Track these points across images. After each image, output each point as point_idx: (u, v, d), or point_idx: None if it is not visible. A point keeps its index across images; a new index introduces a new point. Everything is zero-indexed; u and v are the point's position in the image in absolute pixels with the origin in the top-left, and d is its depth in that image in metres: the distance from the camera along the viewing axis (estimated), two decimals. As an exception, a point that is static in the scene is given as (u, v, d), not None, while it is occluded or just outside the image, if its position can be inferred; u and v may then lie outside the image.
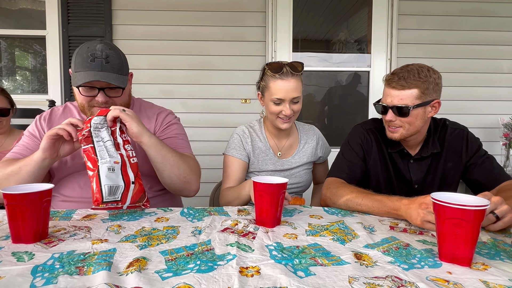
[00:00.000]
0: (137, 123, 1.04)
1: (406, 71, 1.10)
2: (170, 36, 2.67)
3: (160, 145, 1.08)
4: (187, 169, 1.14)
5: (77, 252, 0.72)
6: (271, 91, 1.28)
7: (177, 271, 0.63)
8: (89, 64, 1.07)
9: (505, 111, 2.77)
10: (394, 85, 1.11)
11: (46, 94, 2.77)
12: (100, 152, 0.98)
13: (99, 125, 1.00)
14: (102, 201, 0.94)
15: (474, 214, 0.66)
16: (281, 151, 1.43)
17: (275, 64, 1.28)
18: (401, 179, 1.27)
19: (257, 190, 0.91)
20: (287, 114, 1.28)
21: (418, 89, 1.09)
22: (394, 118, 1.14)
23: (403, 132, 1.16)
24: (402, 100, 1.11)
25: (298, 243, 0.79)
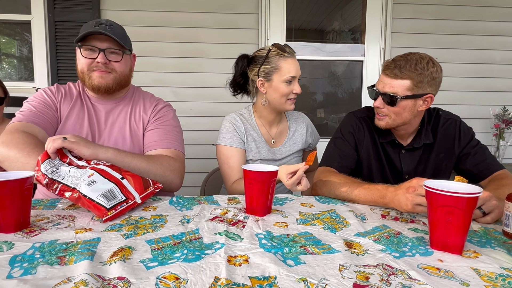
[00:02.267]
0: (85, 146, 0.97)
1: (405, 60, 1.07)
2: (160, 22, 2.60)
3: (120, 156, 1.04)
4: (159, 172, 1.10)
5: (59, 241, 0.69)
6: (283, 71, 1.27)
7: (163, 260, 0.61)
8: (93, 28, 1.11)
9: (497, 102, 2.78)
10: (388, 73, 1.09)
11: (33, 81, 2.69)
12: (72, 182, 0.89)
13: (53, 168, 0.91)
14: (107, 208, 0.84)
15: (467, 202, 0.65)
16: (274, 139, 1.41)
17: (279, 45, 1.28)
18: (393, 169, 1.26)
19: (248, 178, 0.88)
20: (298, 92, 1.30)
21: (411, 81, 1.06)
22: (382, 105, 1.13)
23: (389, 122, 1.14)
24: (393, 88, 1.09)
25: (288, 232, 0.77)
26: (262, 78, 1.31)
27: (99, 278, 0.54)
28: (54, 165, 0.92)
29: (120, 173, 0.95)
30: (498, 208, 0.85)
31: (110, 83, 1.18)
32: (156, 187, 0.99)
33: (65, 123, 1.19)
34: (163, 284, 0.53)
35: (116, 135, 1.22)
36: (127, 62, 1.23)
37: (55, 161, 0.93)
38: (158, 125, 1.26)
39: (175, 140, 1.25)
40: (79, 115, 1.21)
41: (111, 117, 1.24)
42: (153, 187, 0.99)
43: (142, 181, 0.97)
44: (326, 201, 1.05)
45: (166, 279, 0.55)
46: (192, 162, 2.65)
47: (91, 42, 1.13)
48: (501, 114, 2.65)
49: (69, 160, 0.96)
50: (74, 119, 1.20)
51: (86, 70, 1.16)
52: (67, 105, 1.21)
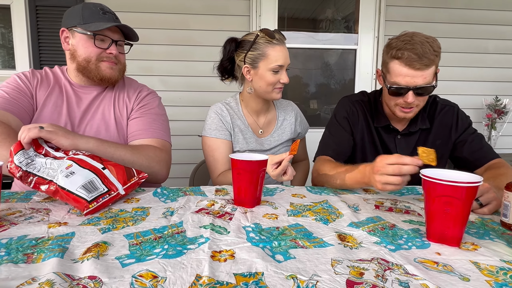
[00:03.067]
0: (64, 136, 0.90)
1: (420, 46, 0.98)
2: (147, 8, 2.50)
3: (103, 147, 0.98)
4: (144, 163, 1.04)
5: (29, 237, 0.64)
6: (270, 58, 1.19)
7: (140, 256, 0.56)
8: (102, 16, 1.09)
9: (489, 92, 2.77)
10: (418, 66, 0.99)
11: (14, 69, 2.57)
12: (49, 174, 0.83)
13: (27, 160, 0.84)
14: (88, 201, 0.78)
15: (466, 192, 0.62)
16: (262, 129, 1.35)
17: (268, 31, 1.20)
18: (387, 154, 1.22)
19: (235, 168, 0.83)
20: (286, 82, 1.23)
21: (435, 65, 1.02)
22: (414, 98, 1.05)
23: (416, 110, 1.10)
24: (426, 79, 1.01)
25: (278, 224, 0.73)
26: (248, 65, 1.23)
27: (67, 277, 0.49)
28: (28, 156, 0.85)
29: (101, 163, 0.88)
30: (496, 200, 0.83)
31: (117, 74, 1.16)
32: (140, 177, 0.94)
33: (41, 111, 1.11)
34: (139, 284, 0.48)
35: (98, 123, 1.15)
36: (124, 51, 1.22)
37: (30, 152, 0.86)
38: (143, 114, 1.19)
39: (161, 129, 1.19)
40: (57, 103, 1.13)
41: (95, 104, 1.17)
42: (137, 177, 0.93)
43: (125, 171, 0.91)
44: (318, 191, 1.00)
45: (142, 278, 0.50)
46: (181, 152, 2.58)
47: (105, 32, 1.10)
48: (493, 104, 2.64)
49: (45, 151, 0.89)
50: (52, 107, 1.12)
51: (94, 59, 1.11)
52: (43, 91, 1.13)
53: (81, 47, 1.10)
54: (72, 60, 1.14)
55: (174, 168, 2.80)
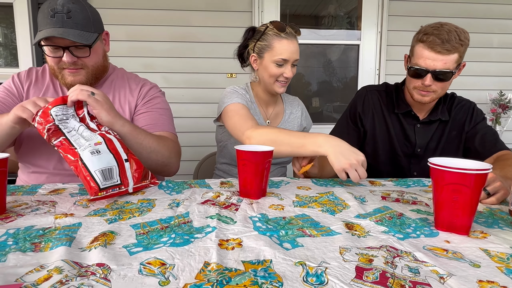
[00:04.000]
0: (107, 111, 0.90)
1: (446, 32, 1.03)
2: (149, 4, 2.50)
3: (135, 133, 0.98)
4: (166, 153, 1.06)
5: (36, 227, 0.64)
6: (275, 51, 1.20)
7: (148, 245, 0.56)
8: (49, 21, 0.96)
9: (493, 86, 2.75)
10: (440, 49, 1.04)
11: (17, 67, 2.58)
12: (76, 141, 0.82)
13: (63, 116, 0.84)
14: (100, 188, 0.78)
15: (475, 179, 0.61)
16: (269, 119, 1.37)
17: (278, 23, 1.22)
18: (405, 141, 1.25)
19: (241, 159, 0.83)
20: (288, 76, 1.24)
21: (458, 53, 1.05)
22: (432, 82, 1.09)
23: (434, 96, 1.14)
24: (445, 64, 1.05)
25: (284, 214, 0.72)
26: (255, 54, 1.27)
27: (76, 265, 0.49)
28: (66, 113, 0.84)
29: (126, 153, 0.89)
30: (504, 189, 0.82)
31: (83, 79, 1.06)
32: (152, 181, 0.95)
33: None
34: (147, 271, 0.48)
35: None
36: (97, 50, 1.08)
37: (69, 110, 0.85)
38: (149, 108, 1.18)
39: (169, 122, 1.19)
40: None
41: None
42: (149, 181, 0.94)
43: (143, 170, 0.92)
44: (323, 184, 1.00)
45: (150, 265, 0.49)
46: (183, 149, 2.57)
47: (51, 40, 0.97)
48: (497, 99, 2.62)
49: (83, 115, 0.89)
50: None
51: (56, 68, 1.04)
52: (37, 91, 1.12)
53: (46, 58, 1.04)
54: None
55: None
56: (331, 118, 2.87)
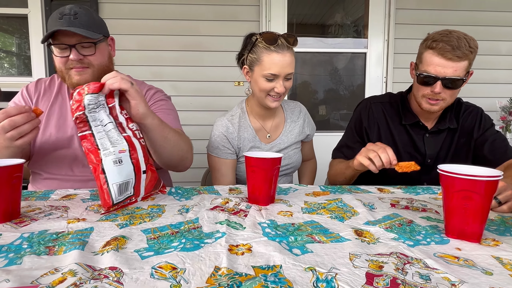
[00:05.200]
0: (144, 102, 0.88)
1: (456, 39, 1.02)
2: (159, 15, 2.55)
3: (162, 126, 0.97)
4: (185, 148, 1.07)
5: (49, 231, 0.65)
6: (264, 65, 1.13)
7: (159, 250, 0.57)
8: (57, 22, 1.00)
9: (503, 94, 2.72)
10: (450, 56, 1.02)
11: (30, 76, 2.64)
12: (101, 140, 0.79)
13: (94, 106, 0.79)
14: (113, 203, 0.77)
15: (485, 186, 0.61)
16: (269, 133, 1.33)
17: (269, 35, 1.14)
18: (414, 152, 1.24)
19: (250, 166, 0.84)
20: (279, 92, 1.15)
21: (468, 61, 1.04)
22: (441, 90, 1.07)
23: (443, 105, 1.12)
24: (456, 72, 1.03)
25: (293, 221, 0.73)
26: (247, 66, 1.21)
27: (89, 268, 0.50)
28: (97, 102, 0.80)
29: (146, 164, 0.88)
30: None
31: (89, 79, 1.08)
32: (160, 190, 0.97)
33: (48, 121, 1.12)
34: (159, 274, 0.49)
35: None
36: (103, 51, 1.11)
37: (101, 98, 0.80)
38: (156, 110, 1.18)
39: (176, 121, 1.20)
40: (62, 111, 1.14)
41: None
42: (158, 190, 0.96)
43: (157, 181, 0.93)
44: (332, 191, 1.00)
45: (162, 269, 0.50)
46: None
47: (59, 39, 1.02)
48: (507, 106, 2.59)
49: (113, 105, 0.84)
50: (57, 115, 1.13)
51: (63, 68, 1.07)
52: (46, 102, 1.15)
53: (54, 59, 1.08)
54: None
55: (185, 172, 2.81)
56: (338, 126, 2.87)
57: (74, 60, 1.04)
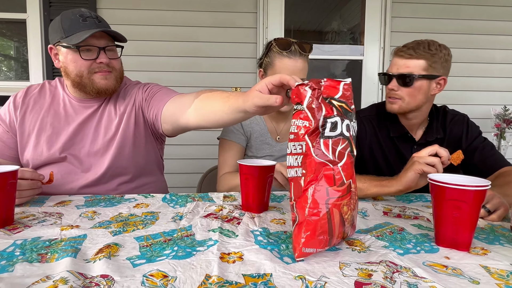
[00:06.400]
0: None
1: (417, 43, 1.09)
2: (158, 21, 2.57)
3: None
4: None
5: (42, 238, 0.65)
6: (275, 69, 1.18)
7: (151, 257, 0.57)
8: (83, 24, 0.98)
9: (497, 101, 2.75)
10: (402, 54, 1.09)
11: (28, 80, 2.65)
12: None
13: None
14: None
15: (474, 195, 0.62)
16: (279, 135, 1.36)
17: (283, 41, 1.19)
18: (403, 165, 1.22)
19: (243, 173, 0.85)
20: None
21: (426, 61, 1.07)
22: (396, 87, 1.11)
23: (402, 105, 1.13)
24: (408, 68, 1.08)
25: (286, 229, 0.73)
26: (262, 69, 1.28)
27: (80, 276, 0.50)
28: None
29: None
30: (504, 205, 0.82)
31: (113, 83, 1.07)
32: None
33: (39, 136, 1.08)
34: (150, 282, 0.49)
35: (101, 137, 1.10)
36: (119, 57, 1.12)
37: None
38: (154, 93, 1.13)
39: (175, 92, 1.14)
40: (54, 124, 1.09)
41: (95, 117, 1.11)
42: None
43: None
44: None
45: (153, 277, 0.51)
46: (188, 162, 2.61)
47: (88, 42, 0.99)
48: (502, 114, 2.62)
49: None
50: (49, 131, 1.08)
51: (86, 73, 1.03)
52: (35, 115, 1.09)
53: (70, 63, 1.03)
54: (66, 77, 1.07)
55: (180, 177, 2.82)
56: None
57: (104, 63, 1.02)
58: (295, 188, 0.60)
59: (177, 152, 2.55)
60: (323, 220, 0.57)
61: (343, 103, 0.62)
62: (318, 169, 0.58)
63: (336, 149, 0.60)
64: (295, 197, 0.60)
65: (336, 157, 0.59)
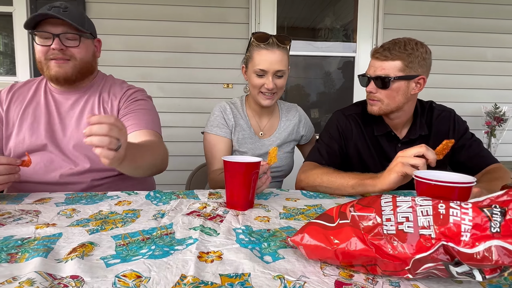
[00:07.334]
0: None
1: (393, 43, 1.06)
2: (147, 15, 2.53)
3: (134, 157, 0.87)
4: (159, 161, 1.01)
5: (15, 237, 0.63)
6: (254, 61, 1.20)
7: (126, 257, 0.55)
8: (43, 11, 0.99)
9: (488, 99, 2.76)
10: (377, 56, 1.07)
11: (14, 75, 2.59)
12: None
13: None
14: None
15: (459, 192, 0.61)
16: (262, 131, 1.36)
17: (261, 34, 1.20)
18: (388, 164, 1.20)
19: (228, 170, 0.83)
20: (269, 88, 1.20)
21: (402, 61, 1.04)
22: (374, 89, 1.09)
23: (382, 107, 1.11)
24: (384, 70, 1.06)
25: (269, 226, 0.72)
26: (243, 64, 1.29)
27: (49, 276, 0.48)
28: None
29: None
30: None
31: (69, 71, 1.07)
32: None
33: (21, 125, 1.10)
34: (122, 283, 0.47)
35: (83, 128, 1.10)
36: (88, 47, 1.11)
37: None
38: (132, 110, 1.14)
39: (152, 121, 1.14)
40: (35, 114, 1.11)
41: (76, 109, 1.13)
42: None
43: None
44: (313, 196, 0.99)
45: (125, 278, 0.48)
46: (178, 159, 2.58)
47: (44, 27, 1.01)
48: (492, 112, 2.63)
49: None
50: (30, 118, 1.10)
51: (43, 59, 1.05)
52: (18, 107, 1.12)
53: (35, 50, 1.06)
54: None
55: (170, 174, 2.78)
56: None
57: (55, 49, 1.02)
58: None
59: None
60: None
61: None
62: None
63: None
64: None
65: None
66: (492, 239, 0.41)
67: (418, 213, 0.47)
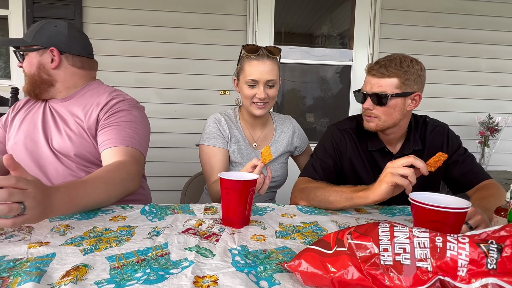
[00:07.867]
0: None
1: (388, 60, 1.06)
2: (144, 21, 2.52)
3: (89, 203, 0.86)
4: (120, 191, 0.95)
5: (7, 258, 0.62)
6: (245, 72, 1.23)
7: (121, 282, 0.55)
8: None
9: (482, 109, 2.80)
10: (374, 73, 1.07)
11: (9, 79, 2.56)
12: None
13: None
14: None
15: (455, 217, 0.61)
16: (256, 142, 1.36)
17: (251, 46, 1.23)
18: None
19: (224, 188, 0.82)
20: (261, 98, 1.22)
21: (398, 79, 1.05)
22: (371, 106, 1.09)
23: (379, 123, 1.11)
24: (381, 88, 1.06)
25: (265, 247, 0.71)
26: (235, 76, 1.31)
27: (42, 305, 0.47)
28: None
29: None
30: (484, 222, 0.82)
31: (25, 87, 1.17)
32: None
33: (20, 125, 1.17)
34: (116, 312, 0.46)
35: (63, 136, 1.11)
36: (31, 61, 1.13)
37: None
38: (110, 123, 1.09)
39: (130, 136, 1.08)
40: (34, 117, 1.18)
41: (63, 117, 1.14)
42: None
43: None
44: (309, 211, 0.99)
45: (120, 306, 0.48)
46: (175, 165, 2.57)
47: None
48: (486, 122, 2.66)
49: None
50: (29, 121, 1.17)
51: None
52: (23, 112, 1.21)
53: None
54: None
55: (165, 180, 2.77)
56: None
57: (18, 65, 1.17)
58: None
59: (160, 154, 2.51)
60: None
61: None
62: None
63: None
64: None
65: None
66: (488, 276, 0.41)
67: (415, 244, 0.47)
